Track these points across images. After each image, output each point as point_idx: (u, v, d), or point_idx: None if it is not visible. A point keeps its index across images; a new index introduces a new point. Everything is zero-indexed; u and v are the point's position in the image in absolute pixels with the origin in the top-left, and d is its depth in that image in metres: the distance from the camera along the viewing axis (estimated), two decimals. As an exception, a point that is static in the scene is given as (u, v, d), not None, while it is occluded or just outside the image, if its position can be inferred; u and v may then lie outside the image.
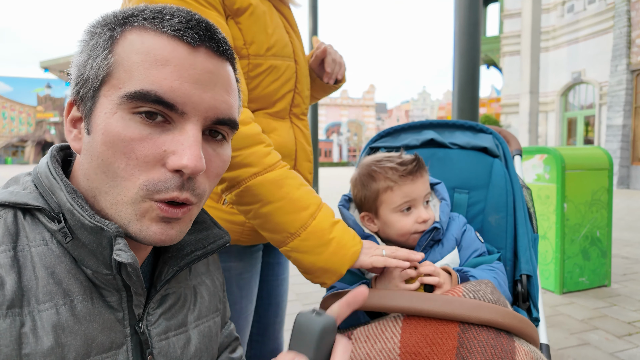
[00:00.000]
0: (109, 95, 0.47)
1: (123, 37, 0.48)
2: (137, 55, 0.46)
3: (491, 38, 16.79)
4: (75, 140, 0.51)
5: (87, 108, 0.49)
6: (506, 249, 0.99)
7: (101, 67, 0.47)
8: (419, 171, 0.91)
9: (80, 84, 0.49)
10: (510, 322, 0.66)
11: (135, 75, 0.46)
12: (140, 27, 0.48)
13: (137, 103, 0.46)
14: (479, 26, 2.75)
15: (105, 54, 0.48)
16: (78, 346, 0.48)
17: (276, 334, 1.16)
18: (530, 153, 3.28)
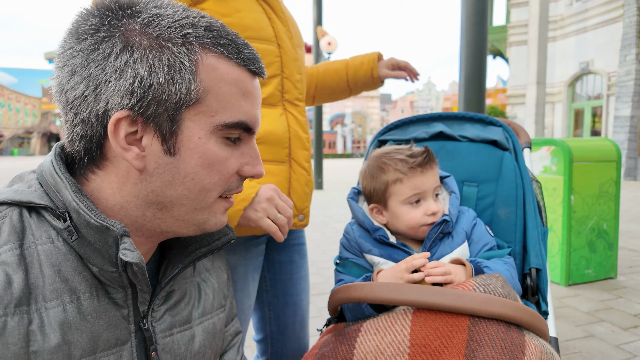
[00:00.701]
0: (197, 121, 0.50)
1: (202, 61, 0.49)
2: (227, 86, 0.51)
3: (498, 28, 16.56)
4: (138, 159, 0.49)
5: (164, 130, 0.49)
6: (515, 243, 0.98)
7: (191, 92, 0.48)
8: (428, 163, 0.91)
9: (149, 101, 0.47)
10: (520, 316, 0.66)
11: (229, 107, 0.52)
12: (218, 54, 0.51)
13: (231, 130, 0.53)
14: (486, 15, 2.71)
15: (194, 78, 0.48)
16: (84, 343, 0.48)
17: (297, 333, 1.13)
18: (537, 145, 3.25)
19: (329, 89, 1.26)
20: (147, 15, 0.48)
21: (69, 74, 0.48)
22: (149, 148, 0.49)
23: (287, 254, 1.09)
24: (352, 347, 0.70)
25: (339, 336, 0.74)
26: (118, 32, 0.47)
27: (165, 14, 0.49)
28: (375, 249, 0.91)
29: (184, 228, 0.55)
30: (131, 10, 0.48)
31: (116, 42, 0.47)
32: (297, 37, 1.00)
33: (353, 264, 0.93)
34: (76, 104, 0.48)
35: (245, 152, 0.56)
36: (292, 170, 0.94)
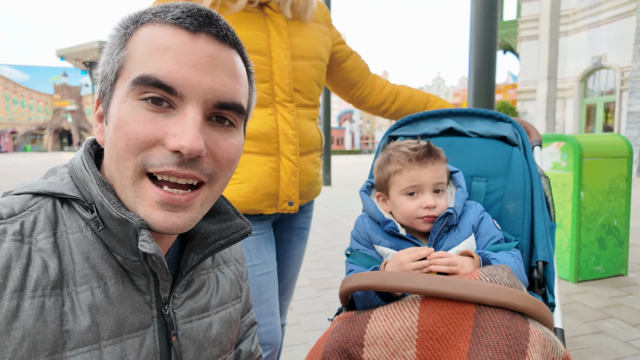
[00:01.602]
0: (121, 87, 0.51)
1: (135, 34, 0.52)
2: (143, 45, 0.50)
3: (508, 22, 16.34)
4: (100, 133, 0.56)
5: (105, 102, 0.54)
6: (523, 236, 1.00)
7: (116, 63, 0.52)
8: (428, 158, 0.93)
9: (101, 81, 0.54)
10: (525, 305, 0.68)
11: (139, 63, 0.49)
12: (149, 22, 0.52)
13: (142, 88, 0.48)
14: (496, 10, 2.69)
15: (119, 50, 0.52)
16: (111, 325, 0.52)
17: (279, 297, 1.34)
18: (547, 141, 3.24)
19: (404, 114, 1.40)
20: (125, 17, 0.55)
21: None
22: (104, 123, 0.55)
23: (288, 235, 1.30)
24: (362, 332, 0.73)
25: (350, 322, 0.77)
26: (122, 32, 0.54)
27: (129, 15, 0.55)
28: (385, 241, 0.94)
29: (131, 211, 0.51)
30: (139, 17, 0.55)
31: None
32: (300, 48, 1.14)
33: (363, 255, 0.96)
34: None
35: (177, 122, 0.49)
36: (280, 161, 1.11)
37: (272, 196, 1.11)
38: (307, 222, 1.35)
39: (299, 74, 1.15)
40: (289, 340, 2.21)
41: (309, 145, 1.19)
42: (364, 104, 1.43)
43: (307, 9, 1.16)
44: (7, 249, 0.46)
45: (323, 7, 1.28)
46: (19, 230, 0.48)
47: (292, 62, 1.14)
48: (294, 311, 2.64)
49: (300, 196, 1.19)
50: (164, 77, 0.48)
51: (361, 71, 1.37)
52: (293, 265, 1.35)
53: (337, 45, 1.31)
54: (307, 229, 1.36)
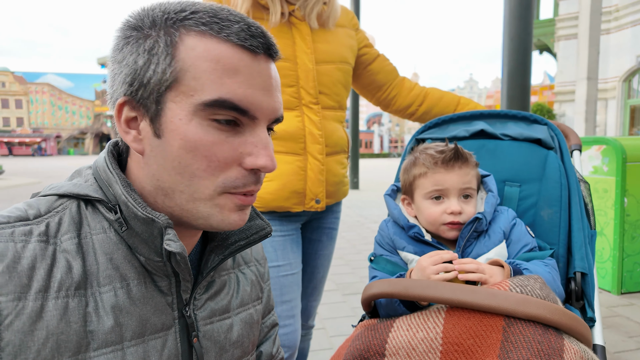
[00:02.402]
0: (178, 102, 0.49)
1: (182, 42, 0.49)
2: (206, 63, 0.49)
3: (544, 21, 15.74)
4: (135, 141, 0.52)
5: (151, 112, 0.50)
6: (559, 245, 0.94)
7: (167, 73, 0.49)
8: (455, 162, 0.90)
9: (137, 86, 0.50)
10: (559, 319, 0.63)
11: (208, 83, 0.49)
12: (199, 32, 0.49)
13: (214, 110, 0.49)
14: (531, 9, 2.58)
15: (169, 59, 0.49)
16: (134, 326, 0.52)
17: (308, 297, 1.38)
18: (587, 144, 3.08)
19: (433, 117, 1.39)
20: (143, 11, 0.52)
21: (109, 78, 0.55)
22: (144, 131, 0.52)
23: (317, 234, 1.33)
24: (384, 342, 0.71)
25: (372, 330, 0.74)
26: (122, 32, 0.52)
27: (159, 6, 0.52)
28: (409, 246, 0.91)
29: (192, 220, 0.53)
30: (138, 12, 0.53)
31: (120, 37, 0.52)
32: (324, 53, 1.19)
33: (387, 261, 0.93)
34: (111, 102, 0.54)
35: (248, 141, 0.51)
36: (307, 161, 1.15)
37: (300, 194, 1.15)
38: (336, 223, 1.37)
39: (324, 77, 1.19)
40: (314, 345, 2.20)
41: (335, 146, 1.22)
42: (391, 106, 1.42)
43: (330, 17, 1.21)
44: (32, 249, 0.47)
45: (349, 13, 1.31)
46: (44, 231, 0.49)
47: (317, 66, 1.18)
48: (320, 315, 2.62)
49: (327, 195, 1.22)
50: (240, 102, 0.50)
51: (388, 73, 1.38)
52: (322, 266, 1.37)
53: (363, 49, 1.34)
54: (336, 230, 1.38)
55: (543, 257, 0.87)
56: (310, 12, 1.16)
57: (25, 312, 0.45)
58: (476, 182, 0.94)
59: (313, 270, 1.35)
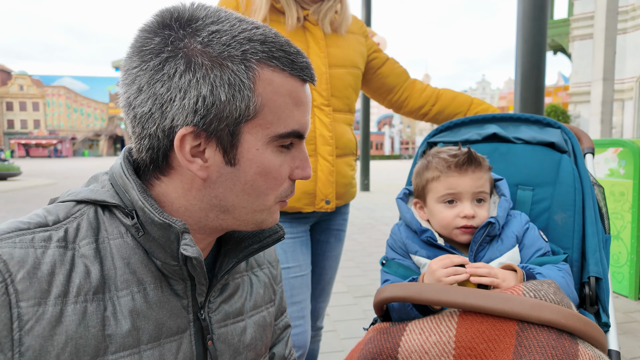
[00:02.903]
0: (254, 134, 0.53)
1: (259, 77, 0.51)
2: (281, 98, 0.53)
3: (559, 21, 15.50)
4: (201, 169, 0.52)
5: (224, 143, 0.52)
6: (573, 249, 0.93)
7: (250, 108, 0.51)
8: (469, 166, 0.90)
9: (211, 118, 0.50)
10: (573, 324, 0.63)
11: (283, 118, 0.54)
12: (274, 68, 0.52)
13: (284, 140, 0.55)
14: (545, 9, 2.55)
15: (251, 95, 0.51)
16: (151, 329, 0.53)
17: (317, 299, 1.39)
18: (603, 146, 3.02)
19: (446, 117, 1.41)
20: (207, 33, 0.50)
21: (137, 91, 0.51)
22: (212, 159, 0.52)
23: (326, 236, 1.35)
24: (397, 345, 0.71)
25: (384, 334, 0.75)
26: (180, 52, 0.49)
27: (223, 30, 0.50)
28: (422, 250, 0.91)
29: (243, 226, 0.58)
30: (191, 29, 0.50)
31: (179, 63, 0.49)
32: (336, 57, 1.22)
33: (399, 265, 0.93)
34: (143, 120, 0.52)
35: (295, 156, 0.58)
36: (317, 162, 1.17)
37: (310, 195, 1.17)
38: (344, 225, 1.39)
39: (335, 81, 1.21)
40: (325, 347, 2.20)
41: (344, 148, 1.24)
42: (403, 107, 1.43)
43: (342, 23, 1.25)
44: (51, 255, 0.48)
45: (359, 21, 1.36)
46: (63, 236, 0.50)
47: (330, 70, 1.20)
48: (331, 317, 2.63)
49: (336, 196, 1.24)
50: (302, 130, 0.56)
51: (398, 76, 1.40)
52: (331, 267, 1.38)
53: (372, 54, 1.37)
54: (344, 231, 1.40)
55: (556, 262, 0.86)
56: (324, 18, 1.20)
57: (45, 318, 0.46)
58: (489, 186, 0.94)
59: (321, 271, 1.37)
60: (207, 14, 0.52)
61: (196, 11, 0.52)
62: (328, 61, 1.20)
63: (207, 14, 0.52)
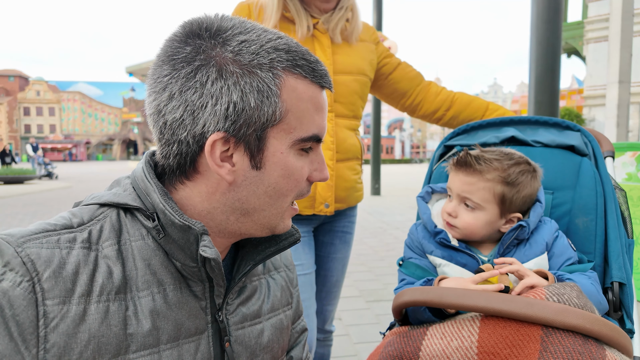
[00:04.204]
0: (279, 138, 0.55)
1: (284, 84, 0.53)
2: (304, 103, 0.55)
3: (573, 24, 15.31)
4: (229, 174, 0.54)
5: (251, 147, 0.53)
6: (595, 254, 0.92)
7: (276, 114, 0.53)
8: (460, 166, 0.90)
9: (240, 123, 0.52)
10: (599, 329, 0.62)
11: (305, 122, 0.56)
12: (297, 75, 0.55)
13: (306, 143, 0.57)
14: (559, 12, 2.53)
15: (277, 101, 0.53)
16: (170, 330, 0.54)
17: (322, 301, 1.39)
18: (620, 150, 2.97)
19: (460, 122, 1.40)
20: (236, 42, 0.52)
21: (168, 98, 0.52)
22: (239, 164, 0.54)
23: (330, 237, 1.36)
24: (418, 350, 0.70)
25: (404, 337, 0.74)
26: (212, 60, 0.51)
27: (251, 40, 0.52)
28: (437, 250, 0.91)
29: (258, 231, 0.59)
30: (221, 39, 0.52)
31: (211, 71, 0.51)
32: (343, 64, 1.24)
33: (416, 265, 0.93)
34: (175, 126, 0.53)
35: (314, 159, 0.60)
36: None
37: (310, 198, 1.19)
38: (350, 227, 1.39)
39: (340, 87, 1.23)
40: (337, 351, 2.19)
41: (347, 152, 1.25)
42: (417, 111, 1.43)
43: (353, 32, 1.27)
44: (76, 255, 0.50)
45: (370, 28, 1.37)
46: (86, 238, 0.52)
47: (335, 77, 1.23)
48: (343, 322, 2.62)
49: (337, 200, 1.25)
50: (321, 134, 0.59)
51: (410, 80, 1.39)
52: (336, 269, 1.38)
53: (383, 60, 1.38)
54: (351, 234, 1.40)
55: (584, 270, 0.85)
56: (335, 27, 1.23)
57: (70, 316, 0.47)
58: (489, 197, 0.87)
59: (326, 273, 1.38)
60: (234, 24, 0.54)
61: (223, 22, 0.54)
62: (333, 68, 1.22)
63: (234, 24, 0.54)
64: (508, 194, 0.87)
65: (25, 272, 0.46)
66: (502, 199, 0.87)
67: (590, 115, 14.34)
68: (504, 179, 0.87)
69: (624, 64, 11.15)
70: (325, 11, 1.23)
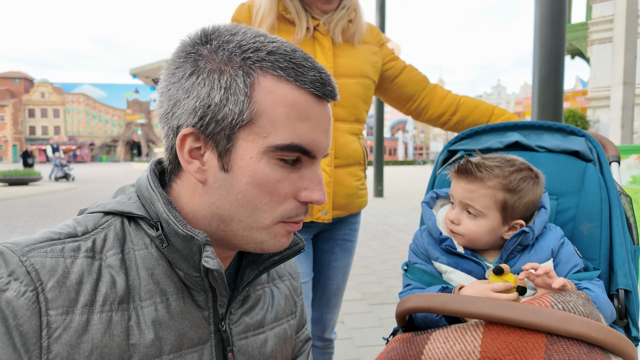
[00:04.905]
0: (250, 141, 0.51)
1: (259, 83, 0.50)
2: (282, 108, 0.51)
3: (576, 25, 15.27)
4: (199, 172, 0.53)
5: (220, 147, 0.52)
6: (600, 261, 0.91)
7: (244, 113, 0.50)
8: (461, 174, 0.90)
9: (208, 120, 0.51)
10: (605, 338, 0.61)
11: (282, 128, 0.51)
12: (277, 76, 0.51)
13: (284, 152, 0.52)
14: (563, 14, 2.51)
15: (247, 100, 0.50)
16: (172, 340, 0.54)
17: (322, 309, 1.38)
18: (625, 152, 2.95)
19: (466, 127, 1.38)
20: (217, 42, 0.52)
21: (161, 94, 0.56)
22: (209, 163, 0.53)
23: (330, 245, 1.32)
24: (420, 353, 0.70)
25: (407, 343, 0.74)
26: (191, 57, 0.52)
27: (233, 40, 0.52)
28: (443, 257, 0.90)
29: (244, 244, 0.56)
30: (207, 38, 0.53)
31: (187, 66, 0.52)
32: (344, 67, 1.21)
33: (423, 271, 0.93)
34: (163, 120, 0.55)
35: (305, 176, 0.55)
36: None
37: None
38: (352, 235, 1.35)
39: (342, 91, 1.21)
40: (340, 355, 2.19)
41: (347, 158, 1.22)
42: (423, 115, 1.42)
43: (356, 33, 1.23)
44: (80, 265, 0.50)
45: (374, 29, 1.34)
46: (90, 247, 0.52)
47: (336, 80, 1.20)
48: (346, 325, 2.61)
49: (336, 207, 1.22)
50: (307, 145, 0.53)
51: (416, 84, 1.37)
52: (336, 277, 1.36)
53: (388, 63, 1.35)
54: (352, 242, 1.36)
55: (591, 278, 0.84)
56: (335, 28, 1.19)
57: (73, 326, 0.47)
58: (491, 204, 0.87)
59: (326, 281, 1.36)
60: (228, 28, 0.54)
61: (221, 26, 0.54)
62: (334, 71, 1.20)
63: (228, 28, 0.54)
64: (510, 201, 0.86)
65: (30, 282, 0.46)
66: (504, 206, 0.87)
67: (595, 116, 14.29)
68: (505, 186, 0.86)
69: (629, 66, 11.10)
70: (326, 12, 1.20)
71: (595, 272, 0.86)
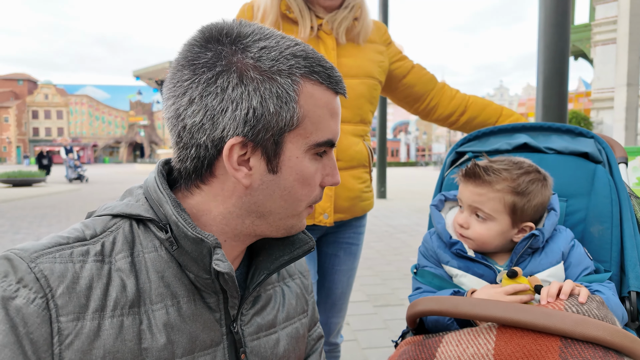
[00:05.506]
0: (295, 142, 0.55)
1: (301, 89, 0.54)
2: (320, 109, 0.56)
3: (580, 26, 15.24)
4: (246, 177, 0.54)
5: (268, 151, 0.54)
6: (611, 263, 0.90)
7: (294, 119, 0.54)
8: (469, 178, 0.89)
9: (259, 128, 0.52)
10: (620, 342, 0.61)
11: (321, 128, 0.57)
12: (314, 81, 0.55)
13: (321, 148, 0.58)
14: (568, 15, 2.51)
15: (295, 106, 0.53)
16: (185, 343, 0.53)
17: (327, 313, 1.36)
18: (631, 154, 2.94)
19: (475, 127, 1.37)
20: (257, 49, 0.52)
21: (188, 103, 0.52)
22: (256, 168, 0.54)
23: (334, 249, 1.31)
24: (432, 356, 0.70)
25: (419, 346, 0.74)
26: (234, 66, 0.52)
27: (270, 47, 0.53)
28: (453, 261, 0.90)
29: (274, 232, 0.60)
30: (242, 45, 0.52)
31: (232, 77, 0.51)
32: (348, 67, 1.19)
33: (433, 275, 0.92)
34: (194, 130, 0.53)
35: (326, 164, 0.60)
36: None
37: None
38: (357, 238, 1.33)
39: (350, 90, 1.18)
40: (346, 357, 2.19)
41: (350, 160, 1.20)
42: (431, 115, 1.40)
43: (361, 32, 1.21)
44: (89, 269, 0.49)
45: (381, 28, 1.30)
46: (99, 250, 0.51)
47: None
48: (351, 327, 2.61)
49: (339, 210, 1.20)
50: (335, 139, 0.59)
51: (425, 84, 1.36)
52: (341, 281, 1.34)
53: (395, 63, 1.32)
54: (357, 245, 1.34)
55: (602, 280, 0.84)
56: (339, 27, 1.17)
57: (84, 332, 0.47)
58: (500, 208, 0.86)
59: (331, 285, 1.34)
60: (253, 30, 0.54)
61: (243, 28, 0.54)
62: (344, 71, 1.17)
63: (253, 30, 0.54)
64: (519, 204, 0.86)
65: (39, 289, 0.46)
66: (513, 209, 0.86)
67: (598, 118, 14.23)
68: (514, 189, 0.86)
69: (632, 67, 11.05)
70: (330, 9, 1.17)
71: (606, 274, 0.86)
